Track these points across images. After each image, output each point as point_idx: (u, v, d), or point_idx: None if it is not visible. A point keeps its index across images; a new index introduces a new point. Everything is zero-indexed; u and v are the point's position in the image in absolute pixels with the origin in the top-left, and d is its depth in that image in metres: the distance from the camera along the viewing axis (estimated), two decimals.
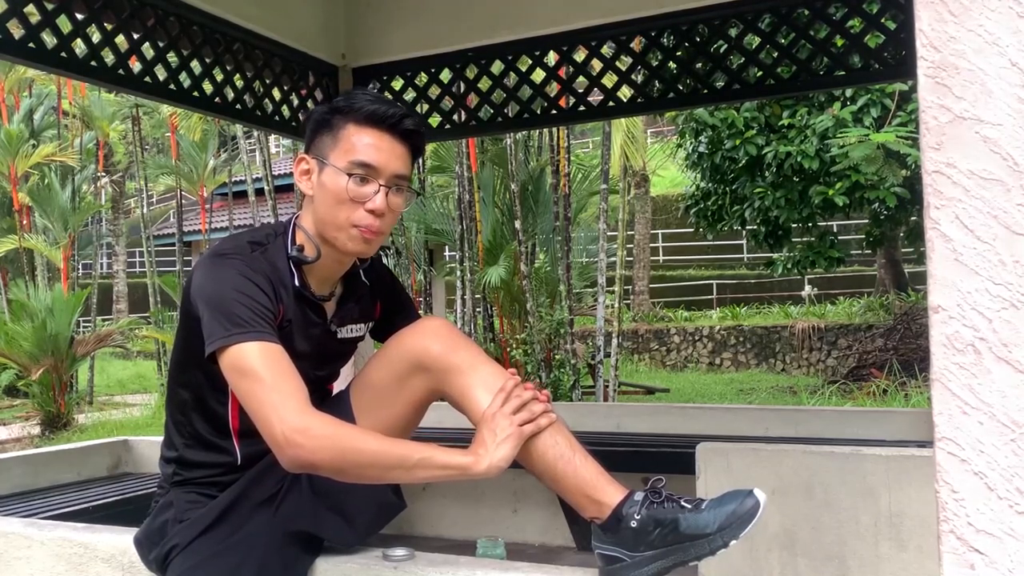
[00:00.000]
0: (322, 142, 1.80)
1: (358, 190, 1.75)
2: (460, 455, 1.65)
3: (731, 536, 1.54)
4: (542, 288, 10.02)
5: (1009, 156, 1.06)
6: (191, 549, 1.76)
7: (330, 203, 1.77)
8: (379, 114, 1.77)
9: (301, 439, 1.57)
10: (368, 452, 1.62)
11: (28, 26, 2.77)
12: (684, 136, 11.28)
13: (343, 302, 1.92)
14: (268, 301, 1.70)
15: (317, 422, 1.60)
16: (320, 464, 1.61)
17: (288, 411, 1.59)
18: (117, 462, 3.68)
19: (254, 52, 3.55)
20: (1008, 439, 1.05)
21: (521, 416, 1.68)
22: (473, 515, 3.70)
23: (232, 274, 1.70)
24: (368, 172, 1.75)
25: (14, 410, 13.52)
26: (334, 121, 1.79)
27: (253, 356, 1.63)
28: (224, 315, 1.66)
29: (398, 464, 1.63)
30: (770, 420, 3.72)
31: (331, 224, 1.78)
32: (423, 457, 1.63)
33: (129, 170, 19.85)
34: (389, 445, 1.64)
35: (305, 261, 1.81)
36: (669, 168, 17.31)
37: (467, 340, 1.88)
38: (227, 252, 1.76)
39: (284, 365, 1.64)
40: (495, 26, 3.69)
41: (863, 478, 2.38)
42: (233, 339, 1.64)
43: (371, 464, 1.62)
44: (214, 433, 1.84)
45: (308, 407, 1.62)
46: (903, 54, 3.28)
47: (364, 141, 1.76)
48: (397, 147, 1.79)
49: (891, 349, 12.28)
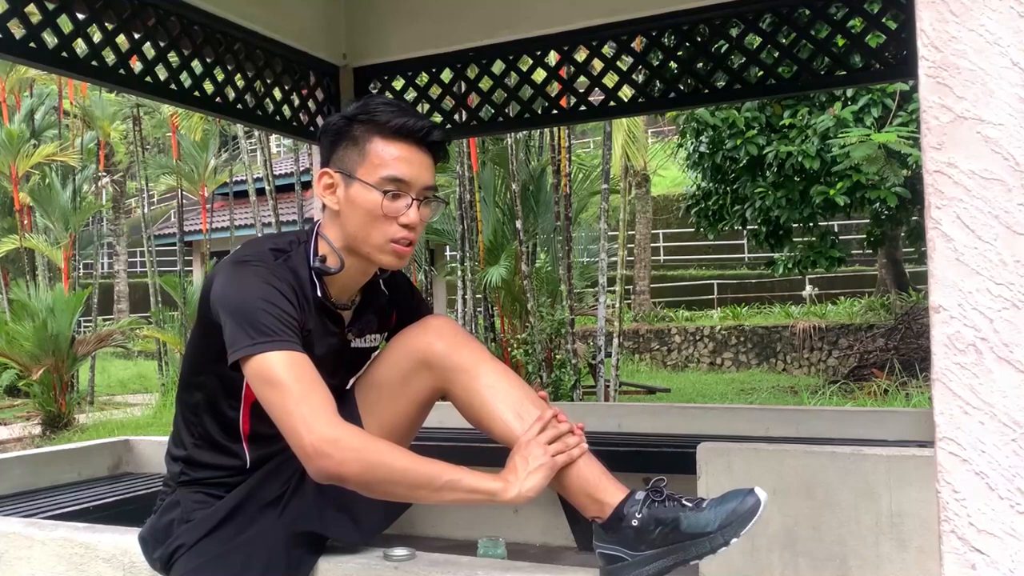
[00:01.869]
0: (346, 156, 1.76)
1: (392, 205, 1.72)
2: (490, 480, 1.63)
3: (732, 534, 1.54)
4: (543, 288, 10.03)
5: (1010, 156, 1.06)
6: (196, 550, 1.76)
7: (363, 220, 1.74)
8: (408, 128, 1.74)
9: (330, 450, 1.56)
10: (397, 469, 1.60)
11: (29, 26, 2.77)
12: (685, 136, 11.28)
13: (361, 311, 1.90)
14: (293, 310, 1.68)
15: (346, 434, 1.59)
16: (348, 477, 1.59)
17: (317, 422, 1.57)
18: (118, 462, 3.67)
19: (255, 52, 3.55)
20: (1009, 439, 1.05)
21: (556, 447, 1.66)
22: (474, 515, 3.70)
23: (257, 282, 1.68)
24: (400, 187, 1.73)
25: (15, 410, 13.54)
26: (356, 133, 1.76)
27: (280, 366, 1.60)
28: (249, 323, 1.63)
29: (426, 484, 1.61)
30: (771, 420, 3.72)
31: (365, 241, 1.75)
32: (452, 479, 1.61)
33: (130, 170, 19.88)
34: (418, 464, 1.62)
35: (328, 272, 1.78)
36: (670, 168, 17.32)
37: (471, 338, 1.88)
38: (250, 259, 1.73)
39: (311, 375, 1.63)
40: (496, 26, 3.69)
41: (864, 478, 2.38)
42: (259, 348, 1.61)
43: (399, 481, 1.61)
44: (224, 436, 1.84)
45: (337, 418, 1.60)
46: (904, 54, 3.28)
47: (393, 155, 1.73)
48: (425, 159, 1.77)
49: (892, 349, 12.28)
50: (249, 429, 1.81)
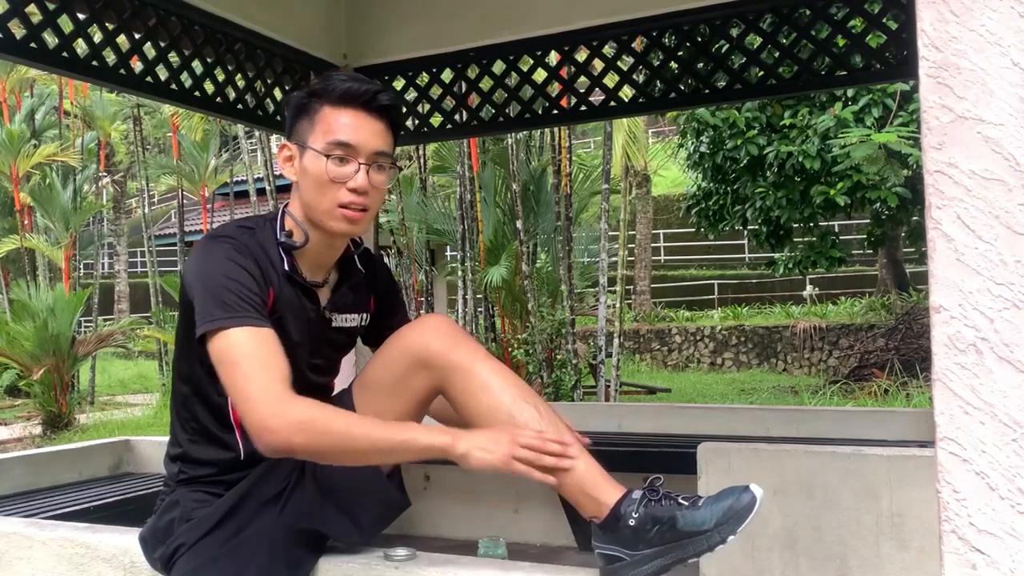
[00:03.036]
0: (301, 127, 1.81)
1: (338, 170, 1.75)
2: (442, 434, 1.65)
3: (729, 531, 1.54)
4: (543, 288, 10.02)
5: (1011, 156, 1.06)
6: (197, 549, 1.76)
7: (313, 186, 1.78)
8: (352, 92, 1.77)
9: (274, 424, 1.57)
10: (348, 436, 1.61)
11: (29, 26, 2.77)
12: (685, 136, 11.28)
13: (337, 288, 1.92)
14: (255, 284, 1.71)
15: (292, 407, 1.59)
16: (297, 449, 1.60)
17: (264, 396, 1.59)
18: (118, 462, 3.67)
19: (255, 52, 3.55)
20: (1010, 439, 1.05)
21: (526, 454, 1.63)
22: (474, 515, 3.70)
23: (220, 258, 1.72)
24: (347, 152, 1.76)
25: (15, 410, 13.54)
26: (311, 105, 1.80)
27: (234, 342, 1.63)
28: (212, 299, 1.67)
29: (380, 448, 1.63)
30: (771, 420, 3.72)
31: (316, 207, 1.79)
32: (406, 439, 1.63)
33: (130, 170, 19.89)
34: (370, 429, 1.63)
35: (293, 247, 1.82)
36: (670, 168, 17.31)
37: (468, 337, 1.88)
38: (218, 235, 1.78)
39: (267, 350, 1.64)
40: (497, 26, 3.69)
41: (864, 478, 2.38)
42: (216, 323, 1.65)
43: (351, 448, 1.62)
44: (217, 426, 1.84)
45: (286, 392, 1.61)
46: (904, 54, 3.27)
47: (341, 121, 1.77)
48: (375, 124, 1.79)
49: (892, 349, 12.28)
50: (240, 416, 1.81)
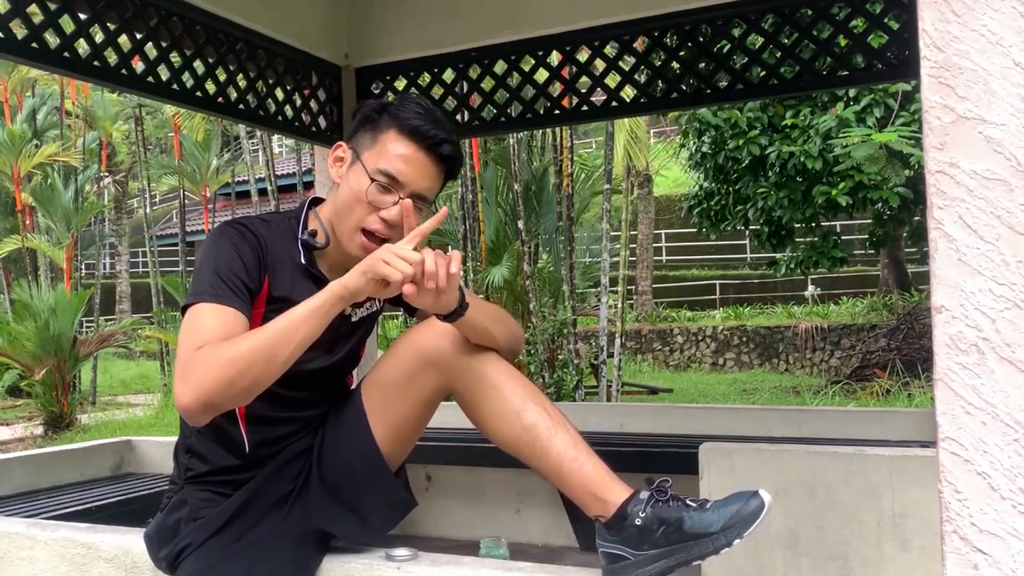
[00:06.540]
0: (363, 137, 1.82)
1: (378, 196, 1.76)
2: (325, 291, 1.63)
3: (735, 535, 1.55)
4: (545, 288, 10.02)
5: (1012, 156, 1.06)
6: (204, 549, 1.76)
7: (349, 198, 1.79)
8: (420, 131, 1.77)
9: (182, 387, 1.56)
10: (243, 358, 1.57)
11: (31, 26, 2.77)
12: (687, 136, 11.27)
13: None
14: (243, 269, 1.71)
15: (191, 365, 1.57)
16: (212, 401, 1.57)
17: (179, 364, 1.58)
18: (120, 462, 3.68)
19: (257, 52, 3.55)
20: (1011, 439, 1.05)
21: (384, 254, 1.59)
22: (476, 515, 3.70)
23: (218, 243, 1.74)
24: (392, 184, 1.77)
25: (17, 410, 13.55)
26: (380, 121, 1.81)
27: (193, 314, 1.65)
28: (197, 279, 1.69)
29: (278, 344, 1.59)
30: (773, 420, 3.71)
31: (343, 221, 1.80)
32: (294, 319, 1.60)
33: (132, 170, 19.90)
34: (261, 334, 1.60)
35: (314, 247, 1.83)
36: (672, 168, 17.33)
37: None
38: (228, 222, 1.80)
39: (213, 322, 1.62)
40: (498, 26, 3.69)
41: (866, 478, 2.38)
42: (191, 299, 1.67)
43: (255, 362, 1.58)
44: (223, 418, 1.81)
45: (195, 352, 1.58)
46: (906, 54, 3.27)
47: (398, 151, 1.77)
48: (430, 167, 1.80)
49: (894, 349, 12.26)
50: (244, 408, 1.79)
